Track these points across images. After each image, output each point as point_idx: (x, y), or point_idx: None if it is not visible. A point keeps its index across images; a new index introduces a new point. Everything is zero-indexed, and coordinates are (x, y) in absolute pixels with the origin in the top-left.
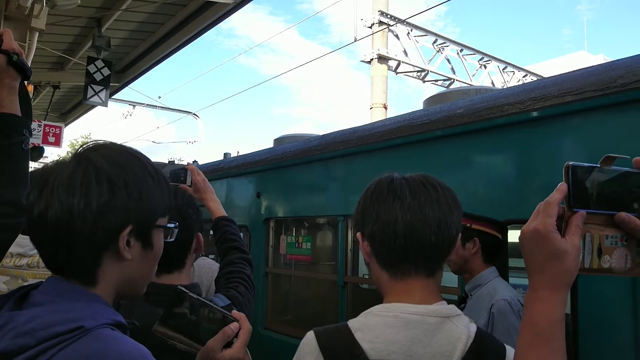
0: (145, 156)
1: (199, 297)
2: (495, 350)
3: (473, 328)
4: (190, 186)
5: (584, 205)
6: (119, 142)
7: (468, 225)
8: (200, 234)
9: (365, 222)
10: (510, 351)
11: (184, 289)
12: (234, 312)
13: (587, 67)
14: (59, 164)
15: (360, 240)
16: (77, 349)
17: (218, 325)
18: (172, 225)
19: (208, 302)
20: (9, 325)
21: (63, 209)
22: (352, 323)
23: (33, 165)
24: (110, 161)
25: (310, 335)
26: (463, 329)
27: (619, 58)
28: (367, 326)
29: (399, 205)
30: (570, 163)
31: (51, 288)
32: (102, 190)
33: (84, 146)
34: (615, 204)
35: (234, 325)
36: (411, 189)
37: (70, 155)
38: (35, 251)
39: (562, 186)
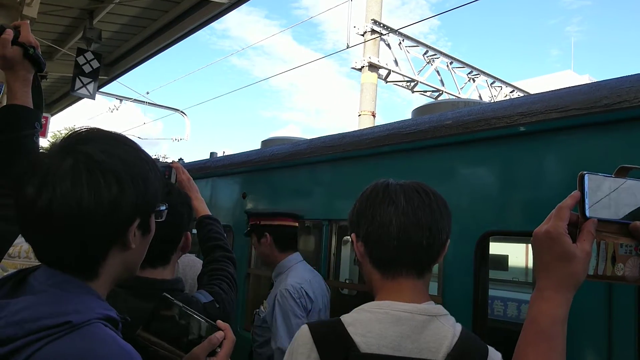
0: (134, 142)
1: (184, 305)
2: (479, 349)
3: (458, 327)
4: (175, 183)
5: (597, 213)
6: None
7: (257, 222)
8: (188, 232)
9: (361, 224)
10: (492, 352)
11: (169, 296)
12: (219, 322)
13: (574, 86)
14: (51, 158)
15: (354, 240)
16: (62, 346)
17: (203, 333)
18: (163, 207)
19: (193, 311)
20: (1, 313)
21: (72, 207)
22: (345, 318)
23: None
24: (111, 156)
25: (304, 329)
26: (449, 328)
27: (605, 79)
28: (359, 321)
29: (394, 209)
30: (585, 172)
31: (46, 277)
32: (110, 187)
33: (73, 137)
34: (630, 213)
35: (219, 334)
36: (405, 194)
37: (57, 146)
38: (18, 240)
39: (575, 193)
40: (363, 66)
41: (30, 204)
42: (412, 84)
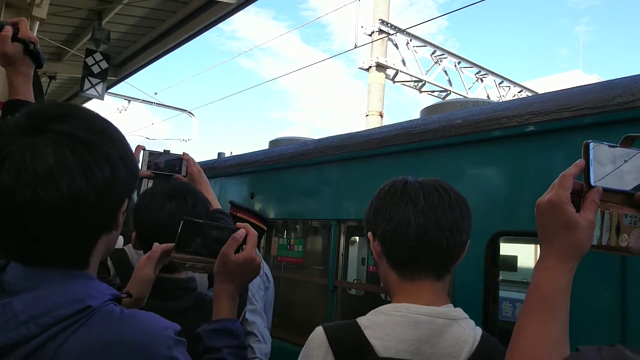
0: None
1: (205, 220)
2: (500, 354)
3: (479, 332)
4: (185, 176)
5: (602, 182)
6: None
7: (234, 213)
8: None
9: (378, 223)
10: None
11: (190, 218)
12: (238, 223)
13: (586, 85)
14: (21, 140)
15: (370, 239)
16: (92, 332)
17: (227, 237)
18: None
19: (214, 223)
20: (4, 315)
21: (62, 193)
22: (362, 320)
23: None
24: (95, 133)
25: (319, 330)
26: (469, 332)
27: (617, 77)
28: (376, 324)
29: (412, 208)
30: (590, 141)
31: (25, 277)
32: (102, 167)
33: (43, 115)
34: (635, 183)
35: (241, 231)
36: (425, 193)
37: (21, 125)
38: None
39: (579, 161)
40: (370, 66)
41: (6, 195)
42: (420, 84)
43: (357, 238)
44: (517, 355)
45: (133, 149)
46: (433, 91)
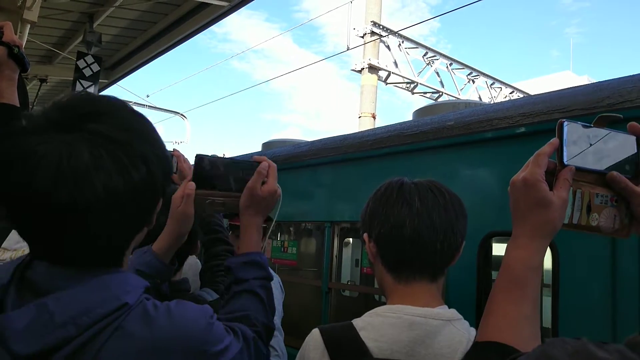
0: (140, 112)
1: (220, 157)
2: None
3: (473, 332)
4: (175, 173)
5: (575, 161)
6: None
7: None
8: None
9: (373, 224)
10: None
11: (203, 155)
12: (255, 157)
13: (576, 87)
14: (53, 140)
15: (366, 241)
16: (131, 332)
17: (245, 172)
18: None
19: (228, 158)
20: (40, 317)
21: (98, 197)
22: (357, 322)
23: None
24: (131, 134)
25: (315, 332)
26: (464, 333)
27: (607, 79)
28: (371, 325)
29: (408, 210)
30: (564, 120)
31: (57, 277)
32: (138, 167)
33: (76, 112)
34: (607, 163)
35: (264, 165)
36: (420, 195)
37: (52, 122)
38: (20, 244)
39: (554, 140)
40: (363, 68)
41: (43, 197)
42: (412, 85)
43: (351, 240)
44: (489, 334)
45: None
46: (425, 93)
